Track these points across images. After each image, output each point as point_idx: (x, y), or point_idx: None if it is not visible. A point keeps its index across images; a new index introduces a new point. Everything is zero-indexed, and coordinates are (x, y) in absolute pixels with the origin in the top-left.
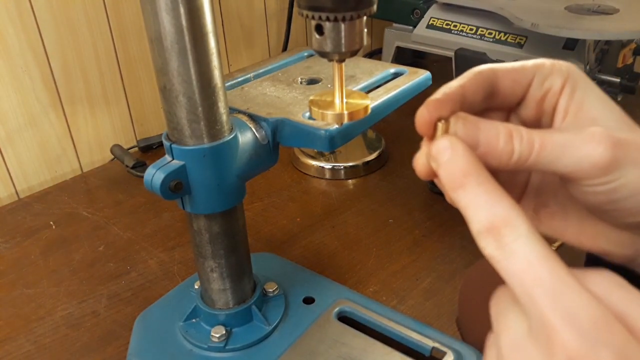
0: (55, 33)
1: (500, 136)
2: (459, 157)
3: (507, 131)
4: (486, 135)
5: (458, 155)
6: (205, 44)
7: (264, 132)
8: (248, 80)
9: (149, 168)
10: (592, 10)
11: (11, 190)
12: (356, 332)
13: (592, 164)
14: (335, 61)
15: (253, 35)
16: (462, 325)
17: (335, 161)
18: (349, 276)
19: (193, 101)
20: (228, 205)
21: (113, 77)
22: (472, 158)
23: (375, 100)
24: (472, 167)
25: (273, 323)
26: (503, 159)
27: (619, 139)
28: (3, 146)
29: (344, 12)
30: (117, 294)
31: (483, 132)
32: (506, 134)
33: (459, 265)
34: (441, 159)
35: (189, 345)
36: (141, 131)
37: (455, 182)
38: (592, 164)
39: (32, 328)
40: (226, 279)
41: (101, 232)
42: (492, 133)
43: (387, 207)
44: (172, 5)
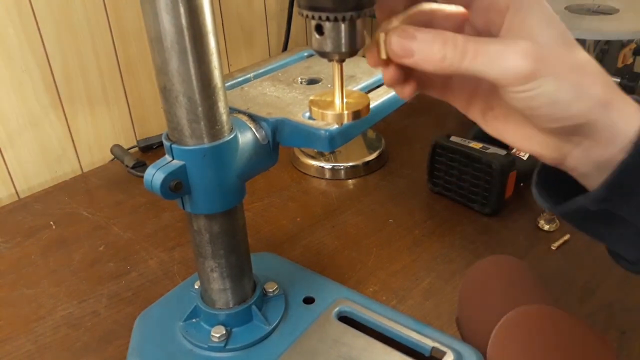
0: (56, 34)
1: (434, 43)
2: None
3: (442, 39)
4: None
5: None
6: (205, 44)
7: (264, 132)
8: (248, 80)
9: (149, 168)
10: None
11: (11, 191)
12: (356, 332)
13: (515, 74)
14: (335, 61)
15: (253, 35)
16: (462, 325)
17: (335, 161)
18: (349, 276)
19: (193, 101)
20: (228, 205)
21: (113, 77)
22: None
23: (375, 100)
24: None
25: (273, 323)
26: (436, 64)
27: (543, 53)
28: (3, 146)
29: (344, 12)
30: (118, 294)
31: (419, 41)
32: (440, 41)
33: (459, 265)
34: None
35: (189, 345)
36: (141, 131)
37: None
38: (514, 74)
39: (32, 328)
40: (226, 279)
41: (101, 232)
42: (428, 41)
43: (387, 207)
44: (172, 5)
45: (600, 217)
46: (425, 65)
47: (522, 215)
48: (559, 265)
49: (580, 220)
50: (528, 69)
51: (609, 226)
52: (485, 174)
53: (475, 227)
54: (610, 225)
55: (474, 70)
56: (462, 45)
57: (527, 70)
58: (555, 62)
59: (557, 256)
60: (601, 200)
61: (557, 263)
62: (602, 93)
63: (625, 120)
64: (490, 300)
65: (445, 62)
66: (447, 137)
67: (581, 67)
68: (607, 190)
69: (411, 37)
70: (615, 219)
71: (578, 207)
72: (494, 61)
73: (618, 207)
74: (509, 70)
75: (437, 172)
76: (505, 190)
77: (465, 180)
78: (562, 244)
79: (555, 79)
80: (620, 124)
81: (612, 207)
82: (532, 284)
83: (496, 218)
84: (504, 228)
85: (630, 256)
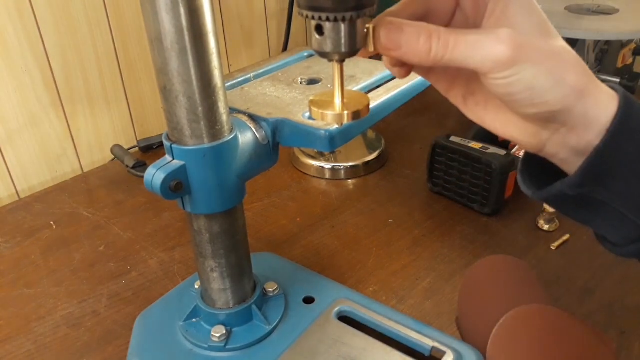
0: (56, 33)
1: (420, 36)
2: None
3: (427, 32)
4: (408, 37)
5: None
6: (206, 44)
7: (264, 132)
8: (248, 81)
9: (149, 168)
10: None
11: (12, 190)
12: (356, 332)
13: (494, 61)
14: (335, 61)
15: (253, 35)
16: (462, 325)
17: (335, 161)
18: (349, 276)
19: (193, 101)
20: (228, 205)
21: (113, 77)
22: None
23: (375, 100)
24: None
25: (273, 323)
26: (423, 56)
27: (522, 40)
28: (3, 146)
29: (344, 13)
30: (118, 294)
31: (405, 34)
32: (426, 34)
33: (459, 265)
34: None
35: (189, 345)
36: (141, 131)
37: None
38: (494, 60)
39: (32, 328)
40: (226, 279)
41: (101, 232)
42: (414, 34)
43: (387, 207)
44: (172, 5)
45: (581, 201)
46: (412, 57)
47: (522, 215)
48: (559, 265)
49: (562, 205)
50: (507, 55)
51: (591, 210)
52: (485, 174)
53: (475, 227)
54: (591, 209)
55: (456, 61)
56: (445, 37)
57: (505, 56)
58: (534, 49)
59: (557, 256)
60: (578, 186)
61: (557, 263)
62: (577, 81)
63: (600, 107)
64: (490, 300)
65: (430, 54)
66: (447, 137)
67: (558, 55)
68: (583, 176)
69: (398, 31)
70: (595, 203)
71: (557, 193)
72: (473, 50)
73: (596, 192)
74: (488, 57)
75: (437, 172)
76: (505, 190)
77: (465, 180)
78: (561, 244)
79: (533, 65)
80: (594, 111)
81: (590, 192)
82: (532, 284)
83: (496, 218)
84: (504, 228)
85: (614, 239)
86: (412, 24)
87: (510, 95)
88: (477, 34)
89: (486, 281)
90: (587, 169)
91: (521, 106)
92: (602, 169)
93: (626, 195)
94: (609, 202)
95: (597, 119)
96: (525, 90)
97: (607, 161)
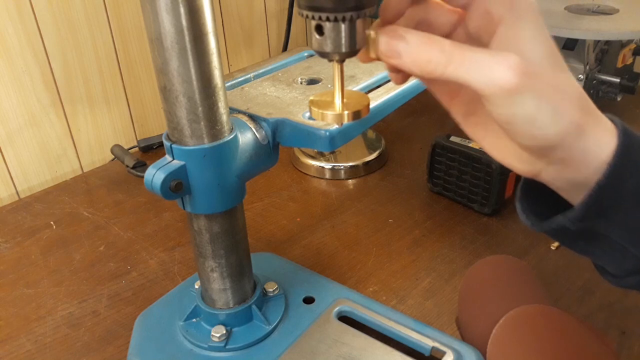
0: (56, 33)
1: (422, 46)
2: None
3: (431, 42)
4: (410, 46)
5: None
6: (206, 44)
7: (264, 132)
8: (248, 81)
9: (149, 168)
10: (592, 10)
11: (12, 190)
12: (356, 332)
13: (500, 85)
14: (335, 61)
15: (253, 35)
16: (462, 325)
17: (335, 161)
18: (348, 276)
19: (193, 101)
20: (228, 205)
21: (113, 77)
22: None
23: (375, 100)
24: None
25: (273, 323)
26: (422, 68)
27: (529, 69)
28: (3, 146)
29: (344, 13)
30: (118, 294)
31: (407, 43)
32: (428, 44)
33: (458, 265)
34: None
35: (189, 345)
36: (141, 131)
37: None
38: (499, 85)
39: (32, 328)
40: (226, 279)
41: (102, 232)
42: (415, 43)
43: (387, 207)
44: (172, 5)
45: (581, 234)
46: (412, 67)
47: None
48: (558, 265)
49: (562, 237)
50: (513, 82)
51: (591, 242)
52: (485, 174)
53: (475, 227)
54: (591, 241)
55: (458, 77)
56: (450, 50)
57: (511, 83)
58: (540, 80)
59: (557, 256)
60: (579, 220)
61: (557, 263)
62: (579, 117)
63: (600, 144)
64: (490, 300)
65: (430, 65)
66: (447, 137)
67: (563, 89)
68: (585, 210)
69: (399, 38)
70: (596, 235)
71: (558, 226)
72: (480, 70)
73: (597, 225)
74: (494, 81)
75: (437, 172)
76: (505, 190)
77: (465, 180)
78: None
79: (537, 97)
80: (593, 149)
81: (592, 225)
82: (532, 284)
83: (496, 218)
84: (504, 228)
85: (613, 270)
86: (415, 33)
87: (510, 124)
88: (485, 53)
89: (486, 281)
90: (589, 203)
91: (520, 137)
92: (605, 203)
93: (627, 227)
94: (610, 235)
95: (595, 157)
96: (526, 121)
97: (609, 195)
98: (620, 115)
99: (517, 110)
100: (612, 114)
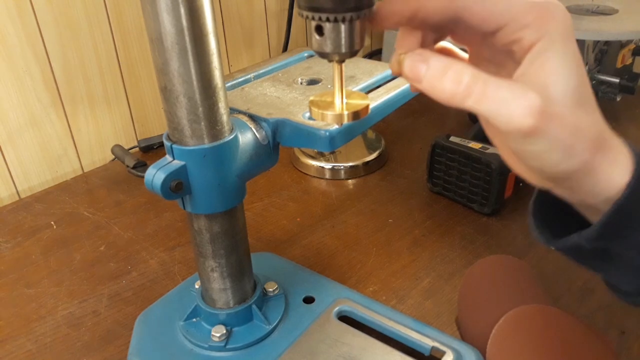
0: (56, 33)
1: (445, 75)
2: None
3: (454, 72)
4: (432, 71)
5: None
6: (206, 45)
7: (264, 133)
8: (248, 81)
9: (149, 168)
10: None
11: (12, 190)
12: (356, 332)
13: (515, 127)
14: (335, 62)
15: (253, 35)
16: (462, 325)
17: (335, 161)
18: (348, 276)
19: (193, 101)
20: (228, 205)
21: (114, 77)
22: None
23: (375, 100)
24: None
25: (273, 322)
26: (443, 96)
27: (550, 112)
28: (4, 146)
29: (344, 13)
30: (118, 294)
31: (430, 68)
32: (452, 74)
33: (458, 265)
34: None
35: (190, 345)
36: (142, 131)
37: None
38: (515, 127)
39: (33, 328)
40: (226, 279)
41: (102, 232)
42: (437, 70)
43: (387, 207)
44: (172, 5)
45: (596, 252)
46: (432, 93)
47: (522, 215)
48: (558, 265)
49: (576, 254)
50: (529, 126)
51: (606, 260)
52: (485, 174)
53: (475, 227)
54: (606, 259)
55: (476, 110)
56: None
57: (528, 128)
58: (557, 122)
59: (557, 256)
60: (595, 239)
61: (557, 263)
62: (590, 158)
63: (609, 180)
64: (490, 300)
65: (445, 94)
66: (446, 137)
67: (580, 129)
68: (601, 230)
69: (424, 62)
70: (611, 254)
71: (573, 245)
72: (498, 109)
73: (613, 244)
74: (511, 122)
75: (437, 172)
76: (504, 190)
77: (465, 180)
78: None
79: (551, 139)
80: (603, 184)
81: (607, 245)
82: (532, 284)
83: (496, 218)
84: (503, 228)
85: (627, 288)
86: (440, 59)
87: (522, 159)
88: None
89: (486, 281)
90: (606, 223)
91: (531, 166)
92: (622, 223)
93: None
94: (625, 254)
95: (605, 189)
96: (536, 157)
97: (626, 216)
98: (619, 116)
99: (529, 147)
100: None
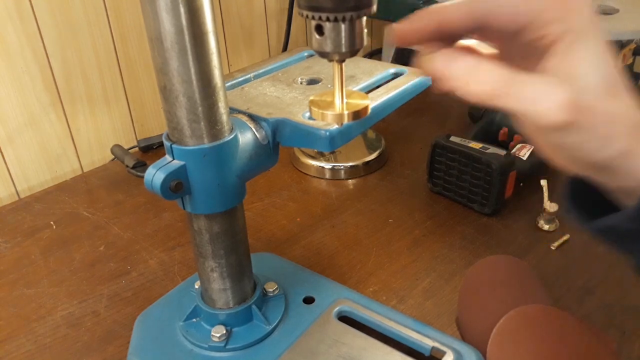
0: (56, 33)
1: (470, 76)
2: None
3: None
4: (460, 71)
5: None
6: (205, 44)
7: (264, 132)
8: (248, 81)
9: (149, 168)
10: None
11: (11, 190)
12: (356, 332)
13: (548, 122)
14: (336, 61)
15: (253, 35)
16: (462, 325)
17: (335, 161)
18: (349, 276)
19: (193, 101)
20: (228, 205)
21: (113, 77)
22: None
23: (375, 100)
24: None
25: (273, 323)
26: (468, 95)
27: (582, 104)
28: (3, 146)
29: (344, 13)
30: (118, 294)
31: (458, 69)
32: (476, 73)
33: (459, 265)
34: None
35: (190, 345)
36: (141, 131)
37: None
38: (547, 122)
39: (32, 328)
40: (226, 279)
41: (101, 232)
42: (464, 70)
43: (387, 207)
44: (172, 5)
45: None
46: (460, 93)
47: (522, 215)
48: (558, 265)
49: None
50: (563, 120)
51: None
52: (485, 174)
53: (475, 227)
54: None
55: (507, 109)
56: (498, 84)
57: (562, 122)
58: (591, 113)
59: (556, 256)
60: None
61: (557, 263)
62: (627, 145)
63: None
64: (490, 300)
65: (475, 94)
66: (446, 137)
67: (614, 118)
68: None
69: (452, 62)
70: None
71: (610, 225)
72: (529, 107)
73: None
74: (542, 117)
75: (437, 172)
76: (505, 190)
77: (465, 180)
78: (561, 244)
79: (586, 131)
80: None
81: None
82: (532, 284)
83: (496, 218)
84: (504, 228)
85: None
86: (468, 59)
87: (554, 147)
88: (535, 86)
89: (486, 281)
90: None
91: (564, 157)
92: None
93: None
94: None
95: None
96: (572, 148)
97: None
98: None
99: (564, 140)
100: None
